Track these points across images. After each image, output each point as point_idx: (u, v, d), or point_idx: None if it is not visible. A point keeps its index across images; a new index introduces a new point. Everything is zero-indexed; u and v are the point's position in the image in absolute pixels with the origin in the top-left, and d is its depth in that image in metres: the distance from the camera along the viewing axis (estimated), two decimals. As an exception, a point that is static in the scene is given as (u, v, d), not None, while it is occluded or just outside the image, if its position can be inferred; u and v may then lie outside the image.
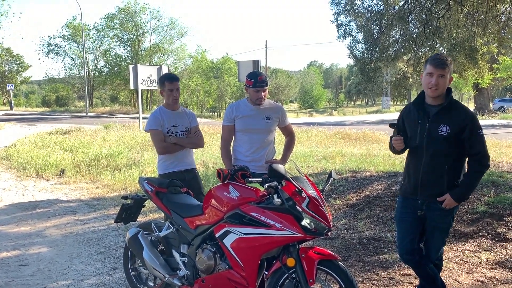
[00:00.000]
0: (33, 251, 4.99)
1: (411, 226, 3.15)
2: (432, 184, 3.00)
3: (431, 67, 2.91)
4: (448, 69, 2.90)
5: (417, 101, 3.09)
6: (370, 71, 9.89)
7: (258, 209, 2.85)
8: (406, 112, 3.18)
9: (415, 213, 3.11)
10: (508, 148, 11.61)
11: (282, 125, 4.19)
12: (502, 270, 4.02)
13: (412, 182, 3.10)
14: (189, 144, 4.24)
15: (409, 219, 3.16)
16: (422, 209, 3.07)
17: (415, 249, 3.15)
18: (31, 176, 9.35)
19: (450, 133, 2.91)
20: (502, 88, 47.72)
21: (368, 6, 9.99)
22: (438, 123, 2.95)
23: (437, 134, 2.93)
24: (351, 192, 6.58)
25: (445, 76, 2.89)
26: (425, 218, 3.10)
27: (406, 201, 3.19)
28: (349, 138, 15.24)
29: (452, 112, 2.95)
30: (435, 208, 3.03)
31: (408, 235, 3.16)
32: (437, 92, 2.93)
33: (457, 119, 2.92)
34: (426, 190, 3.03)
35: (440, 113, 2.96)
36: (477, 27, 9.43)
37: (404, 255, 3.20)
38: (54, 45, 46.96)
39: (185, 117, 4.29)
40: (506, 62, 26.33)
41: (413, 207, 3.12)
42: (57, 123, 23.79)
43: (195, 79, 46.25)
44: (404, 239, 3.18)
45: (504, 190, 5.78)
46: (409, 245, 3.15)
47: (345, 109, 56.59)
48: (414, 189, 3.09)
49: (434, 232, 3.09)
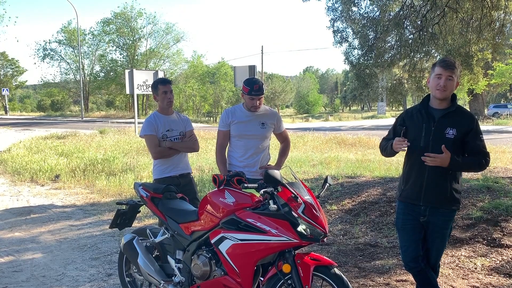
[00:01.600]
0: (27, 257, 4.95)
1: (414, 232, 3.11)
2: (438, 188, 2.99)
3: (440, 69, 2.94)
4: (456, 72, 2.93)
5: (422, 105, 3.11)
6: (366, 77, 9.90)
7: (253, 215, 2.85)
8: (408, 116, 3.16)
9: (417, 219, 3.08)
10: (503, 153, 11.66)
11: (278, 132, 4.20)
12: (497, 276, 4.02)
13: (416, 187, 3.06)
14: (184, 148, 4.24)
15: (411, 225, 3.13)
16: (425, 215, 3.05)
17: (419, 256, 3.11)
18: (25, 181, 9.29)
19: (456, 136, 2.93)
20: (497, 94, 47.98)
21: (364, 13, 10.03)
22: (444, 126, 2.96)
23: (444, 137, 2.94)
24: (347, 197, 6.58)
25: (453, 78, 2.93)
26: (428, 223, 3.07)
27: (407, 207, 3.14)
28: (345, 144, 15.26)
29: (458, 116, 2.98)
30: (438, 213, 3.02)
31: (413, 242, 3.12)
32: (445, 94, 2.95)
33: (463, 123, 2.96)
34: (431, 195, 3.00)
35: (447, 117, 2.98)
36: (472, 34, 9.48)
37: (410, 263, 3.15)
38: (50, 50, 46.93)
39: (179, 122, 4.29)
40: (500, 68, 26.51)
41: (415, 213, 3.09)
42: (52, 128, 23.69)
43: (191, 84, 46.27)
44: (409, 247, 3.14)
45: (499, 195, 5.80)
46: (414, 252, 3.11)
47: (341, 115, 56.76)
48: (417, 194, 3.06)
49: (437, 237, 3.07)
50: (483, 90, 29.37)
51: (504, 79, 27.90)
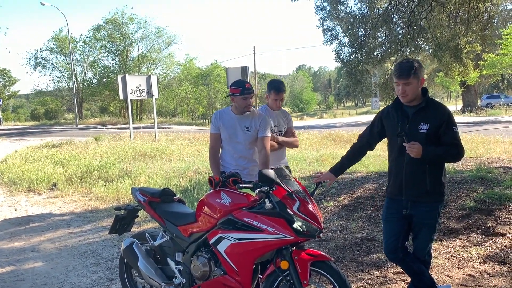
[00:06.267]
0: (28, 266, 4.98)
1: (396, 225, 3.24)
2: (416, 183, 3.09)
3: (395, 78, 3.07)
4: (413, 75, 2.99)
5: (396, 103, 3.20)
6: (358, 73, 10.00)
7: (250, 214, 2.91)
8: (385, 115, 3.28)
9: (400, 212, 3.20)
10: (496, 144, 11.77)
11: (258, 135, 3.92)
12: (492, 264, 4.10)
13: (397, 182, 3.19)
14: (289, 143, 4.41)
15: (394, 218, 3.25)
16: (407, 208, 3.15)
17: (398, 248, 3.24)
18: (23, 191, 9.31)
19: (430, 130, 3.03)
20: (489, 85, 48.27)
21: (351, 11, 10.12)
22: (417, 122, 3.06)
23: (418, 132, 3.03)
24: (343, 193, 6.65)
25: (410, 83, 3.00)
26: (411, 216, 3.17)
27: (391, 202, 3.28)
28: (340, 140, 15.33)
29: (430, 111, 3.07)
30: (420, 205, 3.11)
31: (393, 234, 3.25)
32: (407, 98, 3.06)
33: (435, 117, 3.04)
34: (410, 190, 3.11)
35: (419, 113, 3.08)
36: (460, 27, 9.60)
37: (389, 253, 3.31)
38: (41, 58, 46.76)
39: (284, 118, 4.46)
40: (491, 59, 26.70)
41: (398, 207, 3.21)
42: (47, 137, 23.64)
43: (185, 87, 46.22)
44: (389, 239, 3.28)
45: (492, 185, 5.88)
46: (393, 244, 3.25)
47: (335, 111, 56.94)
48: (399, 190, 3.18)
49: (421, 229, 3.18)
50: (475, 81, 29.58)
51: (495, 69, 28.10)
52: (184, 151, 13.91)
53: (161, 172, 9.90)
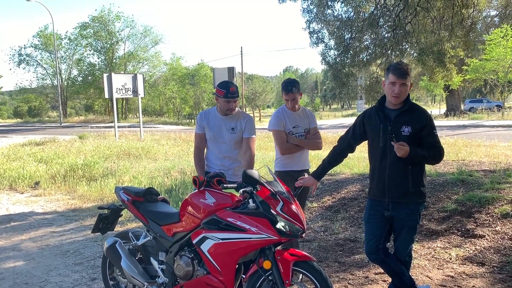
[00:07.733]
0: (8, 265, 4.91)
1: (377, 226, 3.29)
2: (398, 185, 3.15)
3: (393, 77, 3.08)
4: (409, 78, 3.09)
5: (378, 106, 3.25)
6: (343, 76, 10.10)
7: (234, 214, 2.92)
8: (367, 117, 3.32)
9: (382, 214, 3.25)
10: (478, 147, 11.97)
11: (244, 136, 3.97)
12: (471, 265, 4.19)
13: (380, 184, 3.24)
14: (309, 145, 4.26)
15: (375, 220, 3.30)
16: (389, 209, 3.21)
17: (379, 248, 3.29)
18: (4, 189, 9.17)
19: (412, 133, 3.09)
20: (472, 89, 49.06)
21: (338, 15, 10.22)
22: (399, 125, 3.12)
23: (400, 134, 3.10)
24: (327, 194, 6.71)
25: (406, 84, 3.08)
26: (393, 218, 3.23)
27: (373, 203, 3.33)
28: (325, 142, 15.34)
29: (412, 114, 3.14)
30: (401, 207, 3.17)
31: (374, 235, 3.30)
32: (399, 100, 3.12)
33: (417, 120, 3.11)
34: (394, 191, 3.17)
35: (401, 116, 3.14)
36: (444, 32, 9.75)
37: (370, 254, 3.36)
38: (26, 55, 46.11)
39: (304, 118, 4.27)
40: (474, 64, 27.18)
41: (380, 208, 3.26)
42: (30, 134, 23.31)
43: (171, 86, 46.01)
44: (371, 239, 3.32)
45: (473, 188, 6.00)
46: (374, 245, 3.30)
47: (321, 113, 57.21)
48: (382, 191, 3.23)
49: (402, 230, 3.23)
50: (458, 86, 30.07)
51: (478, 74, 28.62)
52: (170, 150, 13.85)
53: (146, 171, 9.85)
